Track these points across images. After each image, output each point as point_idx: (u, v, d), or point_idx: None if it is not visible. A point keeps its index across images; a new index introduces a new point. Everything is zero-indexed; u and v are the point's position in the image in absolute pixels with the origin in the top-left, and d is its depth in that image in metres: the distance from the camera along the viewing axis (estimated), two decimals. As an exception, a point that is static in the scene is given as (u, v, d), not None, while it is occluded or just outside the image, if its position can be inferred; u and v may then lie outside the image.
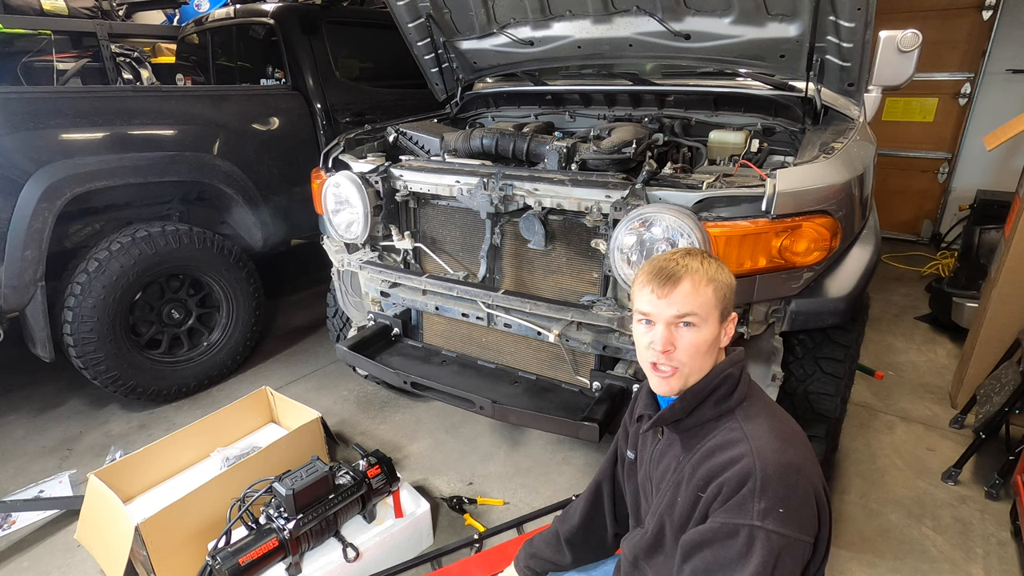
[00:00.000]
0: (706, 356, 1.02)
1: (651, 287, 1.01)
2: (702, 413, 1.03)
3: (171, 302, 2.91)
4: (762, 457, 0.92)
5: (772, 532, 0.89)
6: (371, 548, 1.87)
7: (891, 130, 4.91)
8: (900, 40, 1.92)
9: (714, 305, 1.01)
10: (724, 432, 0.99)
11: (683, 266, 1.01)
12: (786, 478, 0.91)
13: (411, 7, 2.60)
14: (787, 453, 0.94)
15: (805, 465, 0.95)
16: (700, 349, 1.00)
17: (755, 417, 1.00)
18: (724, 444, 0.98)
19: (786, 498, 0.91)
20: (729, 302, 1.04)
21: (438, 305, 2.11)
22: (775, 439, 0.95)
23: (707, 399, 1.02)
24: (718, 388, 1.01)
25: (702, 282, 0.99)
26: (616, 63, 2.57)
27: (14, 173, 2.32)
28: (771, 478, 0.91)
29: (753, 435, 0.96)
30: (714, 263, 1.03)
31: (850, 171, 1.68)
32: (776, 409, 1.06)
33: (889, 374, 3.02)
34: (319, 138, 3.37)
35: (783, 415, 1.05)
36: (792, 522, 0.90)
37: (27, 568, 2.00)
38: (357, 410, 2.86)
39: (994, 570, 1.88)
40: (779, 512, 0.90)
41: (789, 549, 0.90)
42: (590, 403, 1.82)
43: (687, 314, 0.99)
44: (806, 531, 0.92)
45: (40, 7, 3.61)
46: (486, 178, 1.92)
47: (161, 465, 2.17)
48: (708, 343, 1.01)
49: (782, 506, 0.90)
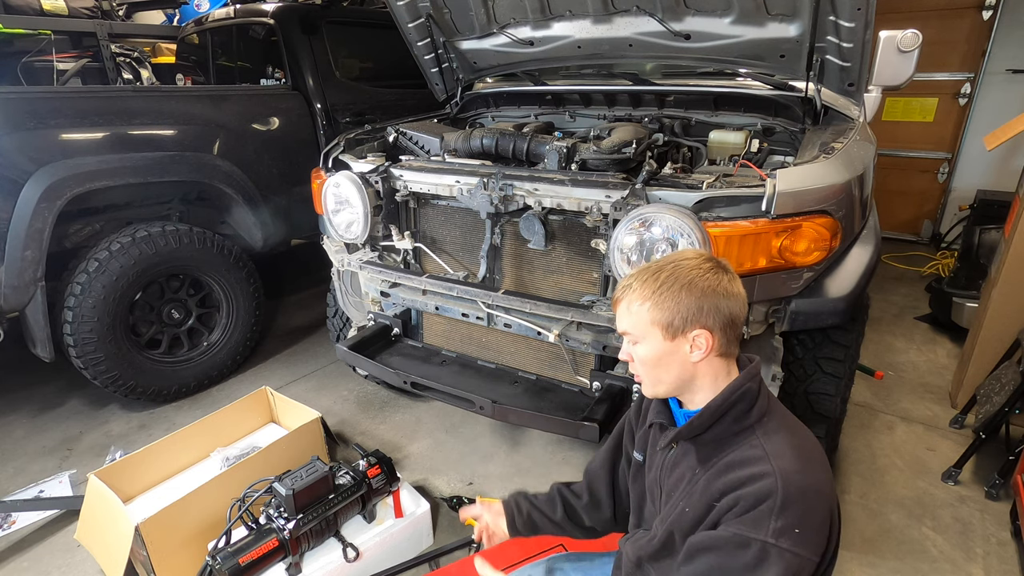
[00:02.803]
0: (663, 369, 1.03)
1: None
2: (721, 428, 1.01)
3: (171, 302, 2.91)
4: (785, 478, 0.91)
5: (785, 551, 0.88)
6: (371, 548, 1.87)
7: (891, 130, 4.91)
8: (900, 40, 1.92)
9: (649, 323, 1.01)
10: (744, 448, 0.98)
11: (625, 286, 1.06)
12: (807, 500, 0.90)
13: (411, 7, 2.60)
14: (809, 476, 0.93)
15: (825, 487, 0.94)
16: (647, 363, 1.04)
17: (775, 433, 0.98)
18: (744, 460, 0.96)
19: (803, 520, 0.90)
20: (684, 319, 0.99)
21: (438, 305, 2.11)
22: (798, 459, 0.94)
23: (726, 415, 1.00)
24: (736, 404, 1.00)
25: (635, 302, 1.03)
26: (616, 63, 2.57)
27: (14, 173, 2.32)
28: (792, 499, 0.89)
29: (775, 453, 0.94)
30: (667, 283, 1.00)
31: (850, 171, 1.68)
32: (795, 424, 1.04)
33: (889, 374, 3.02)
34: (319, 138, 3.37)
35: (803, 431, 1.03)
36: (806, 543, 0.90)
37: (27, 568, 2.00)
38: (357, 410, 2.86)
39: (994, 570, 1.88)
40: (795, 533, 0.89)
41: (797, 570, 0.89)
42: (590, 403, 1.82)
43: (624, 332, 1.07)
44: (816, 552, 0.91)
45: (40, 7, 3.61)
46: (486, 178, 1.92)
47: (161, 465, 2.17)
48: (655, 358, 1.03)
49: (799, 527, 0.89)
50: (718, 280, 1.01)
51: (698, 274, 1.01)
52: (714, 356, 1.02)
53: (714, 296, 1.00)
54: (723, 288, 1.01)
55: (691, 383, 1.04)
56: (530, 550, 1.76)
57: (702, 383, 1.03)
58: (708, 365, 1.03)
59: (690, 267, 1.02)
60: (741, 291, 1.04)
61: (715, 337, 1.00)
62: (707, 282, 1.00)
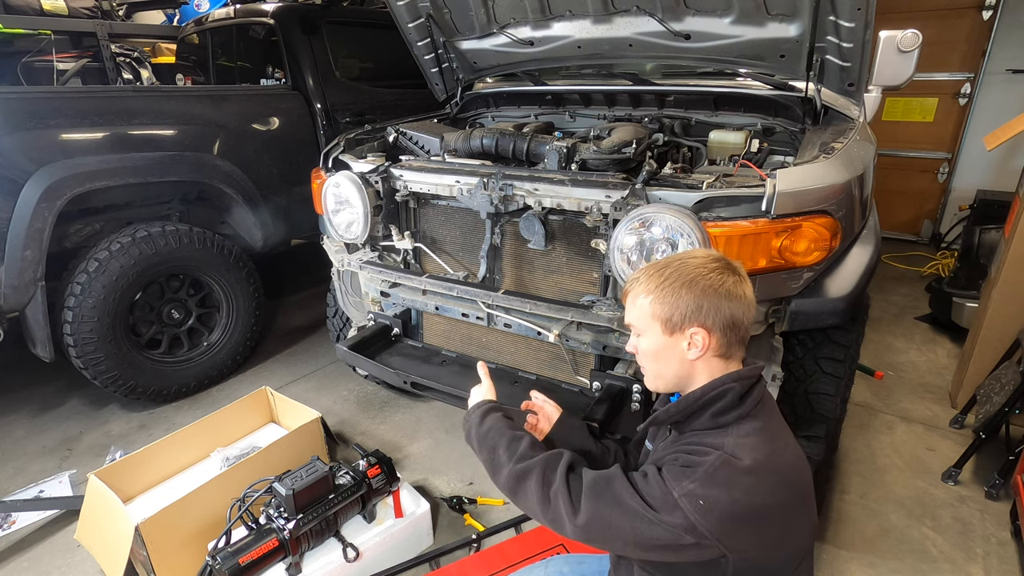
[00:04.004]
0: (662, 363, 1.05)
1: None
2: (698, 421, 1.01)
3: (171, 302, 2.91)
4: (727, 461, 0.91)
5: (682, 511, 0.89)
6: (371, 548, 1.87)
7: (891, 130, 4.91)
8: (900, 40, 1.92)
9: (649, 317, 1.03)
10: (711, 436, 0.97)
11: (634, 279, 1.08)
12: (730, 488, 0.89)
13: (411, 7, 2.60)
14: (757, 479, 0.91)
15: (768, 500, 0.91)
16: (647, 356, 1.07)
17: (748, 436, 0.95)
18: (702, 444, 0.97)
19: (716, 500, 0.88)
20: (681, 316, 1.00)
21: (438, 305, 2.11)
22: (754, 460, 0.92)
23: (703, 409, 1.00)
24: (715, 401, 0.99)
25: (640, 295, 1.05)
26: (616, 63, 2.57)
27: (14, 173, 2.32)
28: (718, 476, 0.89)
29: (732, 445, 0.94)
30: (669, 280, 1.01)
31: (850, 171, 1.68)
32: (777, 438, 0.99)
33: (889, 374, 3.02)
34: (319, 138, 3.37)
35: (782, 447, 0.98)
36: (711, 520, 0.88)
37: (27, 568, 2.00)
38: (357, 410, 2.86)
39: (994, 570, 1.88)
40: (699, 504, 0.88)
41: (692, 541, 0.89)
42: (590, 403, 1.81)
43: (629, 324, 1.10)
44: (724, 541, 0.89)
45: (40, 7, 3.61)
46: (486, 178, 1.92)
47: (161, 465, 2.17)
48: (654, 352, 1.05)
49: (705, 500, 0.88)
50: (722, 281, 1.00)
51: (702, 273, 1.01)
52: (712, 356, 1.02)
53: (715, 296, 0.99)
54: (726, 289, 1.00)
55: (689, 380, 1.05)
56: (530, 550, 1.76)
57: (700, 380, 1.04)
58: (706, 364, 1.03)
59: (695, 265, 1.02)
60: (748, 294, 1.03)
61: (713, 337, 1.00)
62: (710, 281, 1.00)
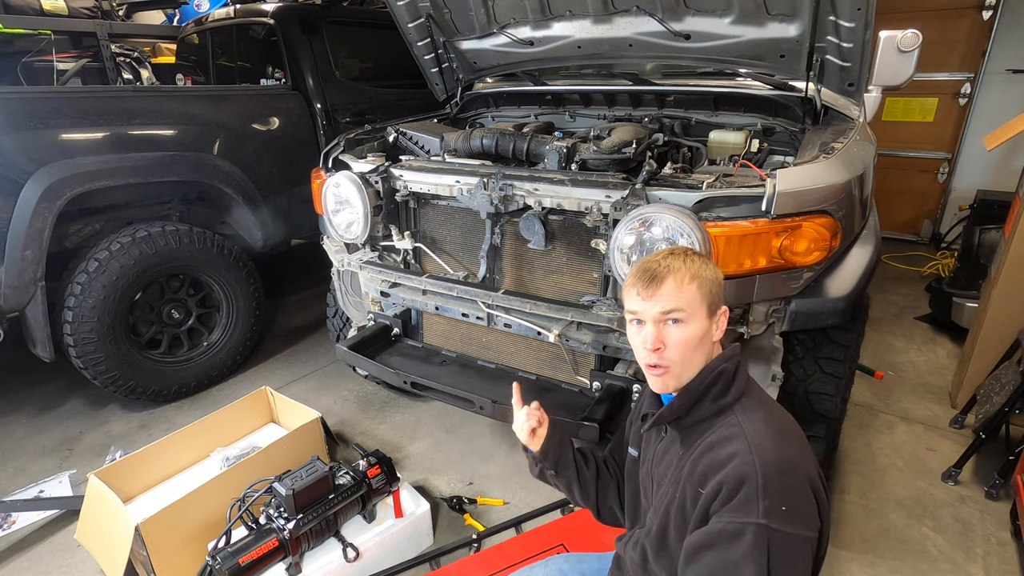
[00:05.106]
0: (696, 352, 1.03)
1: (637, 289, 1.04)
2: (701, 410, 1.03)
3: (171, 302, 2.91)
4: (760, 454, 0.93)
5: (776, 531, 0.89)
6: (371, 548, 1.87)
7: (891, 130, 4.91)
8: (900, 40, 1.92)
9: (700, 300, 1.02)
10: (722, 428, 1.00)
11: (665, 266, 1.04)
12: (785, 475, 0.92)
13: (411, 7, 2.60)
14: (783, 450, 0.95)
15: (801, 460, 0.96)
16: (689, 344, 1.02)
17: (753, 411, 1.00)
18: (722, 439, 0.98)
19: (786, 495, 0.91)
20: (717, 296, 1.04)
21: (438, 305, 2.11)
22: (771, 435, 0.96)
23: (704, 396, 1.03)
24: (714, 384, 1.02)
25: (685, 279, 1.02)
26: (616, 63, 2.57)
27: (14, 173, 2.32)
28: (771, 476, 0.91)
29: (750, 431, 0.96)
30: (698, 260, 1.05)
31: (850, 171, 1.68)
32: (772, 405, 1.07)
33: (889, 374, 3.02)
34: (319, 138, 3.37)
35: (779, 411, 1.06)
36: (796, 520, 0.91)
37: (27, 568, 2.00)
38: (357, 410, 2.86)
39: (994, 570, 1.88)
40: (782, 511, 0.90)
41: (793, 546, 0.90)
42: (590, 403, 1.82)
43: (672, 310, 1.01)
44: (810, 527, 0.92)
45: (40, 7, 3.61)
46: (486, 178, 1.92)
47: (161, 465, 2.17)
48: (697, 338, 1.02)
49: (784, 503, 0.90)
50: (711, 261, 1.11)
51: (702, 254, 1.08)
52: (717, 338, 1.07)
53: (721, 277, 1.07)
54: None
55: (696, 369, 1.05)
56: (530, 550, 1.76)
57: (699, 368, 1.05)
58: (712, 348, 1.06)
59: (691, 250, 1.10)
60: None
61: None
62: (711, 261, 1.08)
